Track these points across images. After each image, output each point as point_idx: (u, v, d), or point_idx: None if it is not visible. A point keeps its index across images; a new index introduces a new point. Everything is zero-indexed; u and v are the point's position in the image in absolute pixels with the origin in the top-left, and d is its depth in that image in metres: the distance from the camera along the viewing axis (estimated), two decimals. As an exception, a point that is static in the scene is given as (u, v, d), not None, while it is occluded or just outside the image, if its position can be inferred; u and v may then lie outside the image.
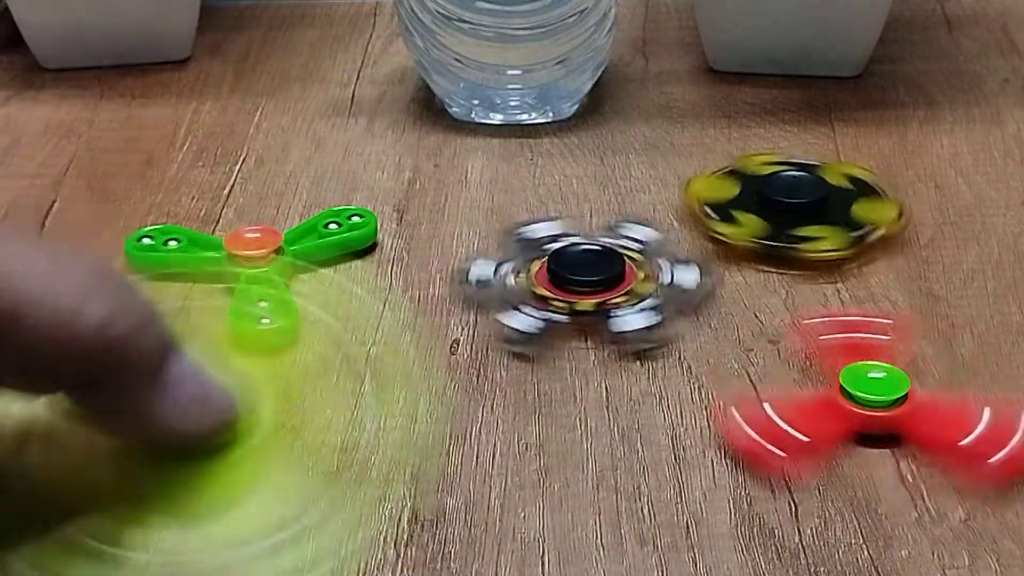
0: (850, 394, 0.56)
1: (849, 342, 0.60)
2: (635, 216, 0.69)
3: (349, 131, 0.79)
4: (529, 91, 0.78)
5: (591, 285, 0.63)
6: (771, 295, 0.65)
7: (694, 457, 0.56)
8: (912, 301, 0.64)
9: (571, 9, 0.75)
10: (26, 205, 0.73)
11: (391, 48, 0.87)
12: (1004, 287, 0.65)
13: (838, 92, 0.81)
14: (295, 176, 0.75)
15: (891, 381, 0.56)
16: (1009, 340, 0.62)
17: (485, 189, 0.73)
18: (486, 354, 0.62)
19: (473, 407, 0.59)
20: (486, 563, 0.51)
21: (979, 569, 0.51)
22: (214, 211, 0.72)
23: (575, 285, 0.63)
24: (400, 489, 0.55)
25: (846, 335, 0.60)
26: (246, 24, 0.91)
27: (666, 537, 0.52)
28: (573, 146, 0.77)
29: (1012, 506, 0.53)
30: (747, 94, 0.81)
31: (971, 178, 0.73)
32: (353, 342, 0.58)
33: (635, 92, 0.82)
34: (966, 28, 0.88)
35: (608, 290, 0.63)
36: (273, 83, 0.84)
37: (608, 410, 0.59)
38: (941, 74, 0.83)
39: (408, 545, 0.52)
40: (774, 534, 0.52)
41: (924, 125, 0.78)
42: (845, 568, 0.51)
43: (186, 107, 0.81)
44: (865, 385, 0.56)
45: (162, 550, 0.47)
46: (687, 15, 0.89)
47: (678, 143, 0.77)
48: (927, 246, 0.68)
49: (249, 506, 0.47)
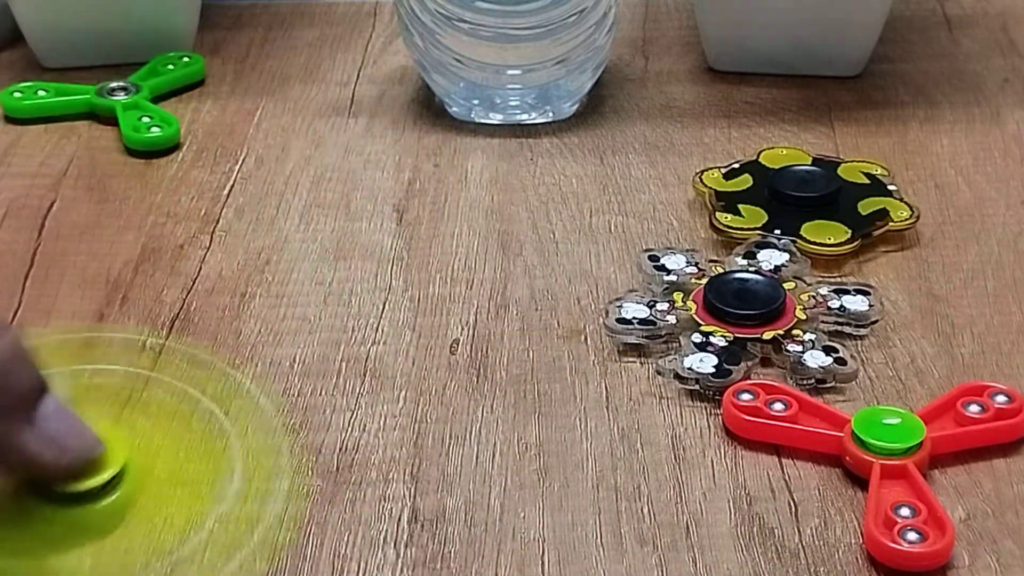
0: (863, 441, 0.55)
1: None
2: (763, 241, 0.67)
3: (349, 131, 0.79)
4: (529, 91, 0.78)
5: (756, 317, 0.61)
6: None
7: (694, 457, 0.56)
8: (912, 301, 0.64)
9: (571, 9, 0.75)
10: (26, 205, 0.73)
11: (391, 48, 0.87)
12: (1004, 287, 0.65)
13: (838, 92, 0.81)
14: (295, 176, 0.75)
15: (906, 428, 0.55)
16: (1009, 340, 0.62)
17: (485, 189, 0.73)
18: (486, 354, 0.62)
19: (473, 407, 0.59)
20: (486, 563, 0.51)
21: (979, 569, 0.51)
22: (214, 211, 0.72)
23: (739, 319, 0.61)
24: (400, 489, 0.55)
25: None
26: (246, 24, 0.90)
27: (666, 537, 0.52)
28: (573, 146, 0.77)
29: (1012, 506, 0.53)
30: (747, 94, 0.81)
31: (971, 178, 0.73)
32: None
33: (635, 92, 0.82)
34: (966, 28, 0.88)
35: (773, 320, 0.61)
36: (273, 83, 0.84)
37: (608, 410, 0.59)
38: (941, 74, 0.83)
39: (408, 545, 0.52)
40: (774, 534, 0.52)
41: (924, 125, 0.78)
42: (845, 568, 0.51)
43: (186, 107, 0.81)
44: (879, 432, 0.55)
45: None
46: (687, 15, 0.89)
47: (678, 143, 0.77)
48: (927, 246, 0.68)
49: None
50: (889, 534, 0.51)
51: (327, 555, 0.52)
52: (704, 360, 0.59)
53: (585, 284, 0.66)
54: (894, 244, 0.68)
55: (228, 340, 0.63)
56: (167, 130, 0.77)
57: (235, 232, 0.70)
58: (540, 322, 0.64)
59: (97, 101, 0.80)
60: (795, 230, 0.67)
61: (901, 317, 0.63)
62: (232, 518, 0.49)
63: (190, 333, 0.63)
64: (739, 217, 0.68)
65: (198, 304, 0.65)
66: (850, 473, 0.55)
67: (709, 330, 0.61)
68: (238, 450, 0.50)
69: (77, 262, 0.68)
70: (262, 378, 0.60)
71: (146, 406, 0.53)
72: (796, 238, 0.67)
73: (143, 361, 0.60)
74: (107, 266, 0.68)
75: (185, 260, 0.68)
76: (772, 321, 0.61)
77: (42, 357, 0.49)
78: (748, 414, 0.56)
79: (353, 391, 0.60)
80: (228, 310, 0.65)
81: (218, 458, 0.50)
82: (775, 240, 0.66)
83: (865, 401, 0.58)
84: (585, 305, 0.65)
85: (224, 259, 0.68)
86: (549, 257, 0.68)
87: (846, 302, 0.62)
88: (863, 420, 0.55)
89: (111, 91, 0.80)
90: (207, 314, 0.65)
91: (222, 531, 0.48)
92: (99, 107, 0.80)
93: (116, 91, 0.80)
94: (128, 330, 0.62)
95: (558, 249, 0.68)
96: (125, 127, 0.77)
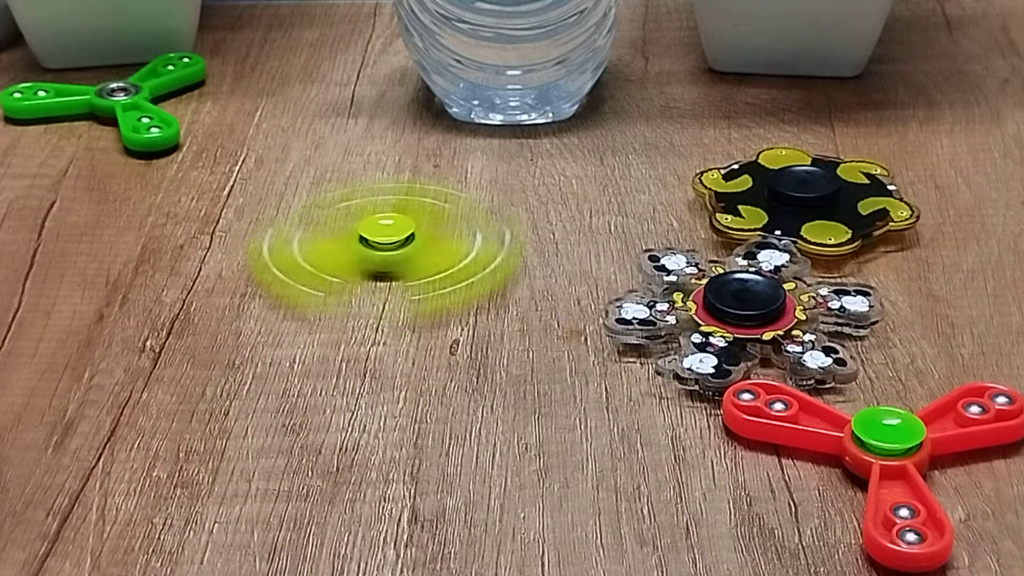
0: (863, 441, 0.55)
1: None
2: (763, 242, 0.67)
3: (349, 131, 0.79)
4: (529, 91, 0.78)
5: (756, 318, 0.61)
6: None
7: (694, 457, 0.56)
8: (912, 301, 0.64)
9: (571, 9, 0.75)
10: (26, 205, 0.73)
11: (391, 48, 0.87)
12: (1004, 287, 0.65)
13: (838, 92, 0.81)
14: (295, 176, 0.75)
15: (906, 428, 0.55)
16: (1009, 340, 0.62)
17: (485, 189, 0.73)
18: (486, 354, 0.62)
19: (473, 407, 0.59)
20: (486, 563, 0.51)
21: (979, 569, 0.51)
22: (214, 211, 0.72)
23: (739, 319, 0.61)
24: (400, 489, 0.55)
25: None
26: (246, 24, 0.90)
27: (666, 537, 0.52)
28: (573, 146, 0.77)
29: (1012, 506, 0.53)
30: (747, 94, 0.81)
31: (971, 178, 0.73)
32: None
33: (635, 92, 0.82)
34: (966, 28, 0.88)
35: (773, 321, 0.61)
36: (273, 83, 0.84)
37: (608, 410, 0.59)
38: (941, 74, 0.83)
39: (408, 545, 0.52)
40: (774, 534, 0.52)
41: (924, 125, 0.78)
42: (845, 568, 0.51)
43: (186, 107, 0.81)
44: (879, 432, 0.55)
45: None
46: (687, 15, 0.89)
47: (678, 143, 0.77)
48: (927, 246, 0.68)
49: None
50: (888, 535, 0.51)
51: (327, 555, 0.52)
52: (704, 360, 0.59)
53: (585, 284, 0.66)
54: (894, 244, 0.68)
55: (228, 340, 0.63)
56: (167, 131, 0.77)
57: (235, 232, 0.70)
58: (540, 322, 0.64)
59: (97, 102, 0.80)
60: (795, 231, 0.67)
61: (901, 318, 0.63)
62: (482, 253, 0.68)
63: (190, 333, 0.63)
64: (739, 218, 0.68)
65: (198, 304, 0.65)
66: (850, 473, 0.55)
67: (709, 330, 0.61)
68: (476, 234, 0.69)
69: (77, 262, 0.68)
70: (262, 378, 0.60)
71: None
72: (796, 239, 0.67)
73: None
74: (107, 266, 0.68)
75: (185, 260, 0.68)
76: (772, 322, 0.61)
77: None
78: (748, 414, 0.56)
79: (353, 391, 0.60)
80: (228, 310, 0.65)
81: (464, 237, 0.69)
82: (775, 241, 0.66)
83: (865, 401, 0.58)
84: (585, 305, 0.65)
85: (224, 259, 0.68)
86: (549, 258, 0.68)
87: (846, 303, 0.62)
88: (863, 420, 0.55)
89: (111, 92, 0.80)
90: (207, 314, 0.65)
91: (479, 257, 0.68)
92: (99, 108, 0.80)
93: (116, 92, 0.80)
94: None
95: (558, 250, 0.68)
96: (125, 128, 0.78)
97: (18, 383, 0.61)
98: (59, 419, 0.59)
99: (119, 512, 0.54)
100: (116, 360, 0.62)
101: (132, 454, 0.57)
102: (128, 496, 0.55)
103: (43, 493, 0.55)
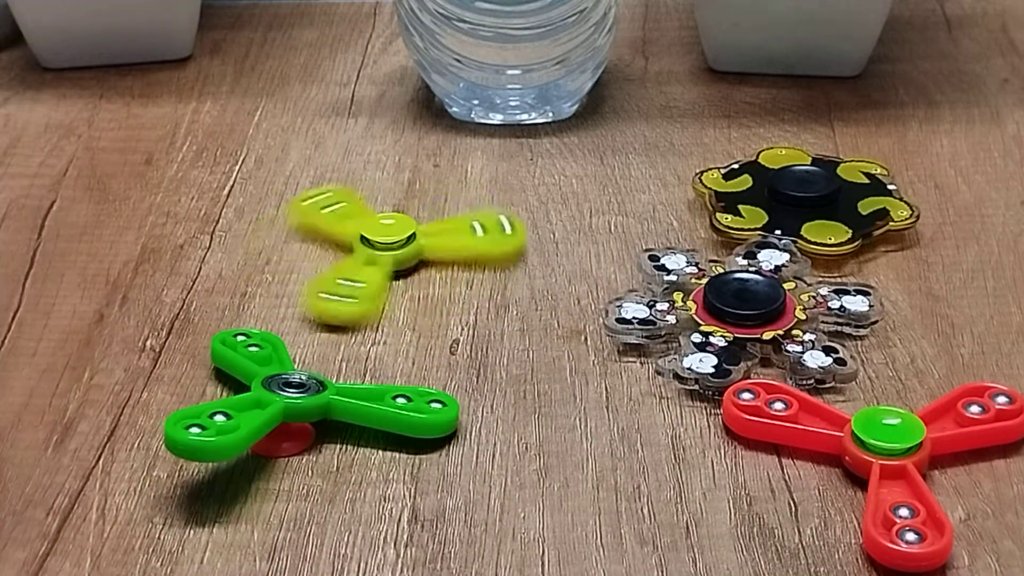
0: (863, 441, 0.55)
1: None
2: (762, 242, 0.67)
3: (349, 131, 0.79)
4: (529, 91, 0.78)
5: (756, 318, 0.61)
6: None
7: (694, 457, 0.56)
8: (912, 301, 0.64)
9: (571, 9, 0.75)
10: (26, 205, 0.73)
11: (391, 48, 0.87)
12: (1004, 287, 0.65)
13: (838, 92, 0.81)
14: (295, 176, 0.75)
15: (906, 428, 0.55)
16: (1009, 340, 0.62)
17: (485, 189, 0.73)
18: (486, 354, 0.62)
19: (473, 407, 0.59)
20: (486, 563, 0.51)
21: (979, 569, 0.51)
22: (214, 211, 0.72)
23: (739, 319, 0.61)
24: (400, 489, 0.55)
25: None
26: (246, 24, 0.90)
27: (666, 537, 0.52)
28: (573, 146, 0.77)
29: (1012, 506, 0.53)
30: (747, 94, 0.81)
31: (971, 178, 0.73)
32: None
33: (635, 92, 0.82)
34: (966, 28, 0.88)
35: (773, 320, 0.61)
36: (273, 83, 0.84)
37: (608, 410, 0.59)
38: (941, 74, 0.83)
39: (408, 545, 0.52)
40: (774, 534, 0.52)
41: (924, 125, 0.78)
42: (845, 568, 0.51)
43: (186, 107, 0.81)
44: (879, 432, 0.55)
45: None
46: (687, 15, 0.89)
47: (678, 143, 0.77)
48: (927, 246, 0.68)
49: None
50: (888, 534, 0.51)
51: (327, 555, 0.52)
52: (704, 360, 0.59)
53: (585, 284, 0.66)
54: (894, 244, 0.68)
55: (228, 340, 0.63)
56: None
57: (235, 232, 0.70)
58: (540, 322, 0.64)
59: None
60: (795, 230, 0.67)
61: (901, 317, 0.63)
62: (486, 238, 0.69)
63: (190, 333, 0.63)
64: (739, 218, 0.68)
65: (198, 304, 0.65)
66: (850, 473, 0.55)
67: (709, 330, 0.61)
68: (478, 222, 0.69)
69: (77, 262, 0.68)
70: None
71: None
72: (796, 238, 0.67)
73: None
74: (107, 266, 0.68)
75: (185, 260, 0.68)
76: (772, 321, 0.61)
77: None
78: (748, 413, 0.56)
79: (353, 391, 0.60)
80: (228, 310, 0.65)
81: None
82: (775, 240, 0.66)
83: (865, 401, 0.58)
84: (585, 305, 0.65)
85: (224, 259, 0.68)
86: (549, 257, 0.68)
87: (846, 302, 0.62)
88: (863, 420, 0.55)
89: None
90: (207, 314, 0.65)
91: (485, 239, 0.68)
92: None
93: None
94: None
95: (558, 249, 0.68)
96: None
97: (18, 383, 0.61)
98: (59, 419, 0.59)
99: (119, 512, 0.54)
100: (116, 360, 0.62)
101: (132, 454, 0.57)
102: (128, 496, 0.55)
103: (43, 493, 0.55)
